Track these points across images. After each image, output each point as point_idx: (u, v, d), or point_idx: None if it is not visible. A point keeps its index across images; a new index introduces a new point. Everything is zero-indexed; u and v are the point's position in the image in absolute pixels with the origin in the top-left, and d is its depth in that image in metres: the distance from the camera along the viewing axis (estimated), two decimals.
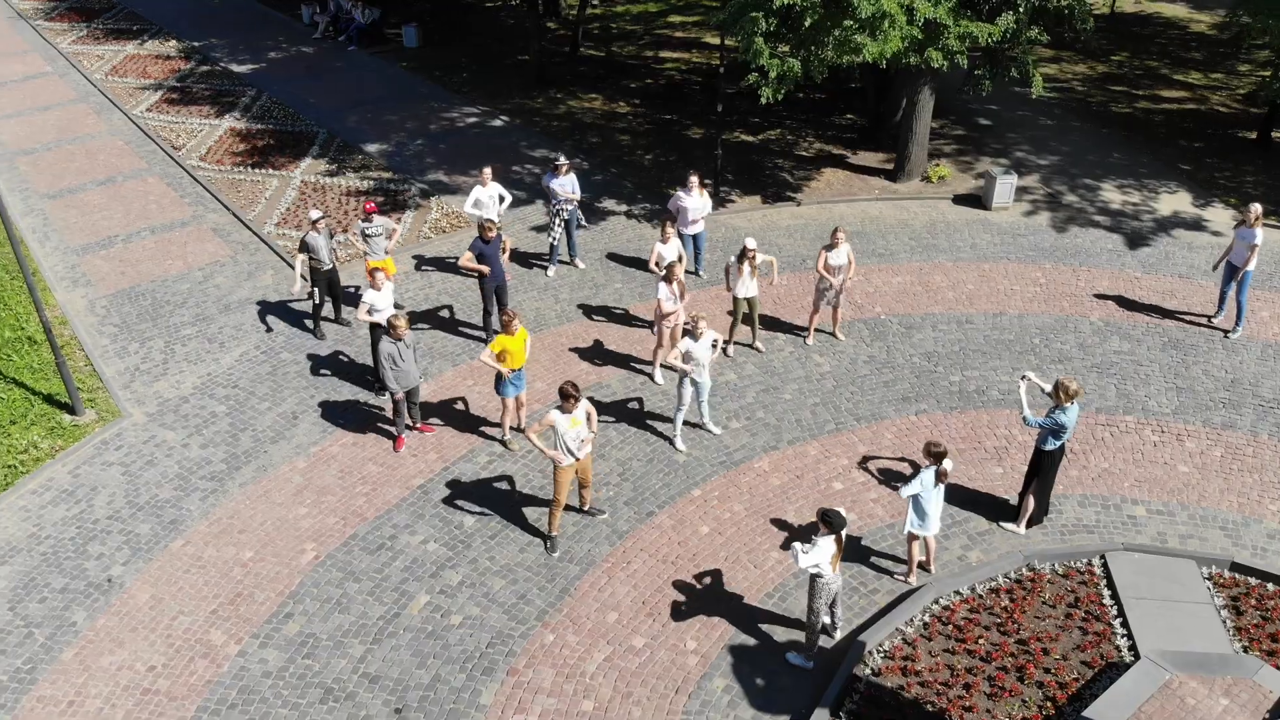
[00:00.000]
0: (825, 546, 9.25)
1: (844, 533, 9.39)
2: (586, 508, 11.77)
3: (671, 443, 12.96)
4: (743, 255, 13.93)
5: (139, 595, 10.94)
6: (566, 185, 16.30)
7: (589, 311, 15.94)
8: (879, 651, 9.97)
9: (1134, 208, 18.73)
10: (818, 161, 20.85)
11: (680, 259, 14.41)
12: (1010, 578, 10.81)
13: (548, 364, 14.56)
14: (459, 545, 11.53)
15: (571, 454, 10.77)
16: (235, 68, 27.13)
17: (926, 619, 10.31)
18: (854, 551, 11.32)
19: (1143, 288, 16.23)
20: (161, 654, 10.26)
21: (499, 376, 12.37)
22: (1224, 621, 10.22)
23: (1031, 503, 11.40)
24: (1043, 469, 11.11)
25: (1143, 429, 13.12)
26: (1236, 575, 10.81)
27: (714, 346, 12.41)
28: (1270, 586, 10.66)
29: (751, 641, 10.27)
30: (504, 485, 12.38)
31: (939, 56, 16.36)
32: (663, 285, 13.48)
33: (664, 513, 11.92)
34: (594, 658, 10.14)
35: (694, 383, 12.48)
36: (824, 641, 10.25)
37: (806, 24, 15.83)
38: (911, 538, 10.61)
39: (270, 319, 15.77)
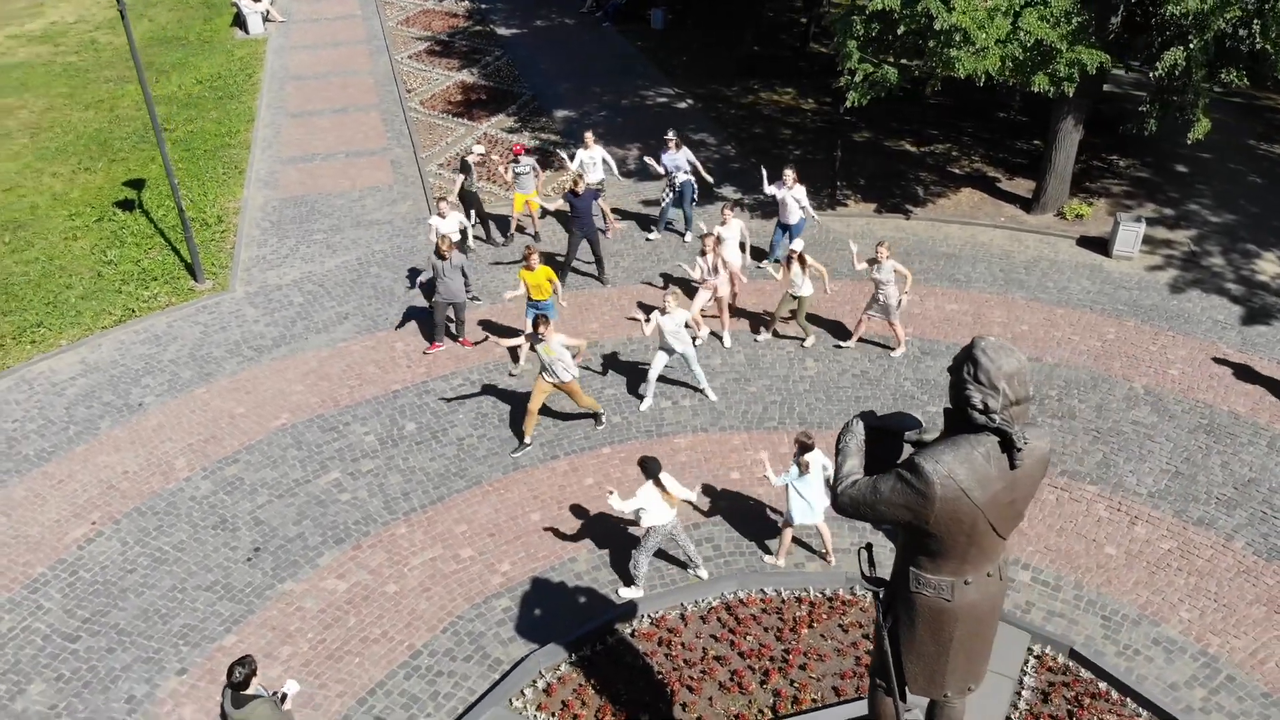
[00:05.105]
0: (645, 492, 10.03)
1: (664, 477, 10.06)
2: (593, 414, 13.34)
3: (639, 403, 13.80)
4: (789, 259, 14.30)
5: (151, 420, 13.81)
6: (680, 160, 17.42)
7: (650, 278, 16.92)
8: (650, 616, 10.41)
9: None
10: (964, 180, 20.02)
11: (729, 245, 15.31)
12: (823, 594, 10.68)
13: (569, 315, 15.78)
14: (389, 443, 13.28)
15: (555, 374, 12.55)
16: (500, 30, 30.45)
17: (714, 604, 10.55)
18: (711, 534, 11.64)
19: (1224, 365, 14.34)
20: (138, 464, 13.00)
21: (527, 306, 14.24)
22: (1015, 703, 9.50)
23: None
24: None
25: (1096, 502, 11.98)
26: (1071, 663, 9.90)
27: (686, 326, 13.14)
28: (1102, 685, 9.67)
29: (557, 579, 11.09)
30: (457, 406, 13.91)
31: (1045, 81, 15.39)
32: (698, 257, 14.44)
33: (566, 459, 12.89)
34: (423, 555, 11.48)
35: (668, 352, 13.31)
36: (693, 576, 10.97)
37: (900, 32, 15.60)
38: (785, 525, 10.85)
39: (381, 239, 18.33)
